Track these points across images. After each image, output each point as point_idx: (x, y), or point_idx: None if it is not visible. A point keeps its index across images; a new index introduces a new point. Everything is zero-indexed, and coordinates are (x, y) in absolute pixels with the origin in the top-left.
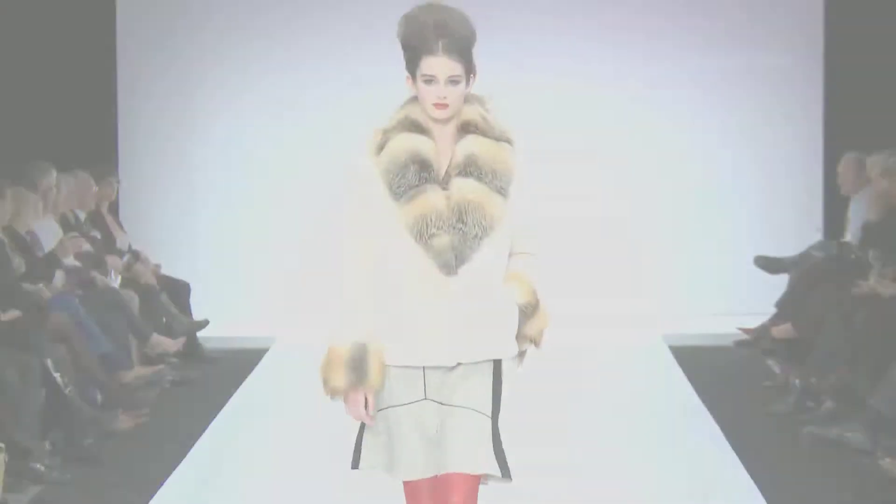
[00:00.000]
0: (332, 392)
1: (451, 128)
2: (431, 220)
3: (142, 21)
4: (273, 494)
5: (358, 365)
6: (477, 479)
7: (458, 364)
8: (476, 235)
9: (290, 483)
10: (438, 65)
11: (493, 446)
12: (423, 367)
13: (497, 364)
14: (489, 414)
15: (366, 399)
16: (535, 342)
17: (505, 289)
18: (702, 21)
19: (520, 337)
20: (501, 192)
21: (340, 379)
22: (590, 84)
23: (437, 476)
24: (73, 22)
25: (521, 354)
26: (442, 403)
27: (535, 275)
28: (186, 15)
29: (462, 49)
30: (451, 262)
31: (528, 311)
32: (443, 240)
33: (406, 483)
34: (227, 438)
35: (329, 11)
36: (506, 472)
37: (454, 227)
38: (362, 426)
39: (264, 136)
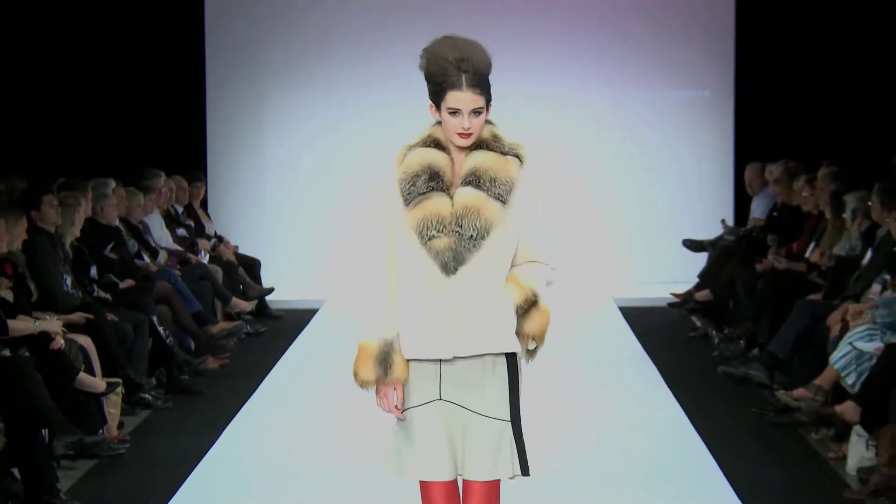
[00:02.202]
0: (363, 384)
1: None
2: (432, 224)
3: (225, 62)
4: (321, 416)
5: (384, 359)
6: (496, 483)
7: (472, 359)
8: (472, 237)
9: (335, 410)
10: (463, 99)
11: (516, 448)
12: (440, 363)
13: (512, 361)
14: (508, 418)
15: (395, 393)
16: (538, 339)
17: (502, 289)
18: (648, 63)
19: (521, 335)
20: (500, 199)
21: (369, 373)
22: (565, 103)
23: (454, 480)
24: (174, 64)
25: (530, 352)
26: (459, 405)
27: (538, 279)
28: (260, 49)
29: (483, 81)
30: (450, 263)
31: (521, 311)
32: (441, 241)
33: (422, 484)
34: (288, 376)
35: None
36: (525, 471)
37: (453, 231)
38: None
39: (316, 149)
